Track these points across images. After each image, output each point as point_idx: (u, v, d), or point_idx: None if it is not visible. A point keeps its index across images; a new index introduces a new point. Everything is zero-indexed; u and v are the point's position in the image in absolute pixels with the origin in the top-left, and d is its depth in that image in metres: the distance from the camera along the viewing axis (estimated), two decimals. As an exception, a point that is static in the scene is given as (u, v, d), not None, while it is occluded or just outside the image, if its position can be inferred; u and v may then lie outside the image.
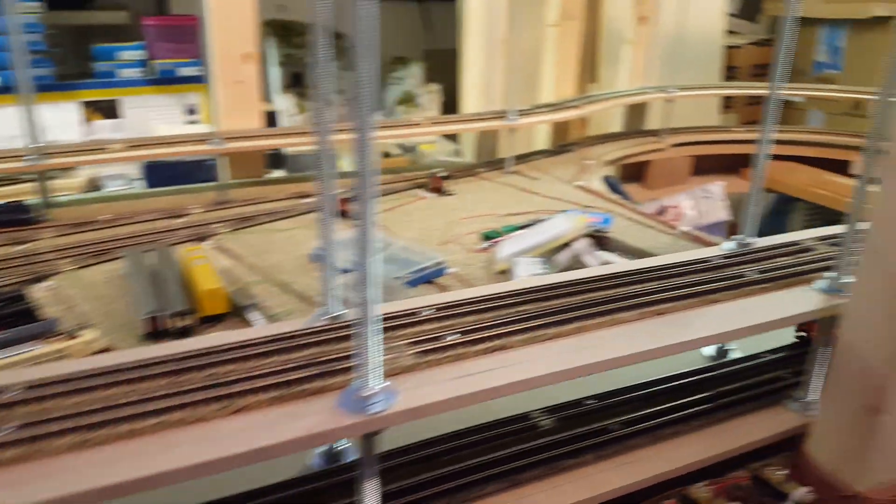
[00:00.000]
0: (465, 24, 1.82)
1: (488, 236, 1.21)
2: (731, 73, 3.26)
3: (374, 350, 0.41)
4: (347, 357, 0.46)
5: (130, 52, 2.40)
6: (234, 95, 1.58)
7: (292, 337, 0.49)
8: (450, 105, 2.88)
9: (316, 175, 0.48)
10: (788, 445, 0.63)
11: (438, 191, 1.51)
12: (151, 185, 2.20)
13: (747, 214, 0.70)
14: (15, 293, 0.92)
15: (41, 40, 2.17)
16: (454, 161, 2.74)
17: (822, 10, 2.64)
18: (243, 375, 0.44)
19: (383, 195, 1.49)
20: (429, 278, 1.03)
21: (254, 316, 0.92)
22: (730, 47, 3.18)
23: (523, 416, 0.59)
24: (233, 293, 0.97)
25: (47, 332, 0.80)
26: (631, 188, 2.14)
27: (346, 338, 0.49)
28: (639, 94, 2.03)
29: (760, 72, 3.38)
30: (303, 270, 1.09)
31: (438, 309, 0.53)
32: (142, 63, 2.42)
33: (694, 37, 2.54)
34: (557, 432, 0.58)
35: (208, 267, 0.98)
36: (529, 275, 0.97)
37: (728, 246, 0.72)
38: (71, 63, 2.47)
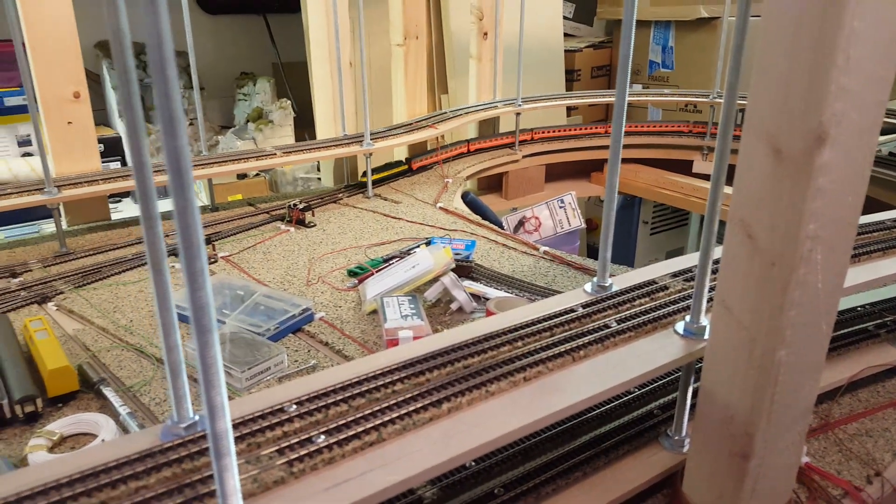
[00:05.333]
0: (310, 48, 1.79)
1: (354, 272, 1.21)
2: (572, 75, 3.46)
3: (232, 475, 0.39)
4: (207, 478, 0.44)
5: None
6: (66, 137, 1.45)
7: (144, 458, 0.45)
8: (304, 119, 2.83)
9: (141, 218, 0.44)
10: (666, 484, 0.67)
11: (299, 223, 1.48)
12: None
13: (601, 258, 0.73)
14: None
15: None
16: (311, 178, 2.69)
17: (651, 13, 2.87)
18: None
19: (241, 231, 1.43)
20: (296, 328, 1.01)
21: (108, 392, 0.86)
22: (569, 51, 3.38)
23: (409, 492, 0.59)
24: (83, 366, 0.90)
25: None
26: (491, 198, 2.22)
27: (205, 452, 0.47)
28: (489, 109, 2.11)
29: (600, 73, 3.62)
30: (157, 330, 1.02)
31: (302, 402, 0.52)
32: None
33: (536, 44, 2.67)
34: (442, 503, 0.59)
35: (52, 340, 0.90)
36: (399, 316, 0.98)
37: (588, 289, 0.75)
38: None
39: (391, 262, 1.23)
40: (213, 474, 0.44)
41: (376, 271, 1.19)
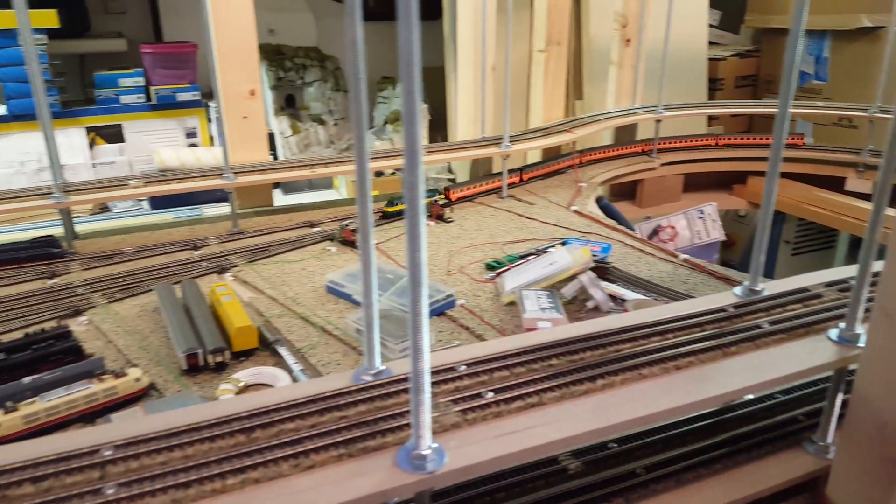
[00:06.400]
0: (457, 52, 1.88)
1: (492, 266, 1.27)
2: (715, 84, 3.34)
3: (426, 409, 0.46)
4: (395, 415, 0.52)
5: (130, 79, 2.46)
6: (241, 130, 1.63)
7: (342, 394, 0.55)
8: (437, 122, 2.94)
9: (355, 201, 0.53)
10: (808, 487, 0.68)
11: (439, 218, 1.56)
12: (156, 207, 2.28)
13: (754, 262, 0.74)
14: (62, 329, 0.97)
15: (46, 69, 2.22)
16: (441, 178, 2.80)
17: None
18: (307, 434, 0.50)
19: (386, 222, 1.54)
20: (440, 311, 1.09)
21: (282, 351, 0.97)
22: (713, 59, 3.27)
23: (553, 460, 0.64)
24: (259, 327, 1.02)
25: (95, 370, 0.85)
26: (623, 206, 2.21)
27: (392, 395, 0.54)
28: (628, 115, 2.11)
29: (744, 83, 3.47)
30: (320, 303, 1.14)
31: (470, 364, 0.59)
32: (141, 89, 2.48)
33: (679, 52, 2.62)
34: (585, 476, 0.63)
35: (237, 304, 1.04)
36: (538, 308, 1.03)
37: (738, 292, 0.76)
38: (73, 90, 2.52)
39: (527, 258, 1.28)
40: (401, 413, 0.52)
41: (513, 266, 1.24)
